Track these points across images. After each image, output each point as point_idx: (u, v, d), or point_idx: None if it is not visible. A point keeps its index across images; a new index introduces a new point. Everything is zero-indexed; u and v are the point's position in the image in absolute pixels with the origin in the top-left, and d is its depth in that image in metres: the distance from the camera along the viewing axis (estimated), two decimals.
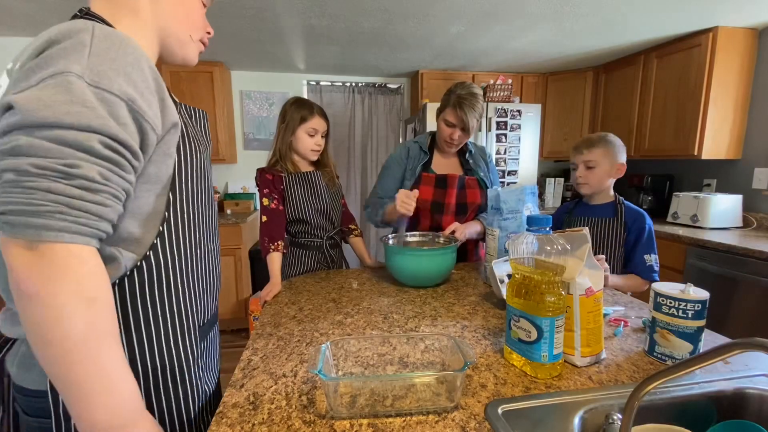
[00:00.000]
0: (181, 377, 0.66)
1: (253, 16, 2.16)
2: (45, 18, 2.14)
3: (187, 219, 0.65)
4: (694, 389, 0.66)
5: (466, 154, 1.54)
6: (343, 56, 2.97)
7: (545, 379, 0.69)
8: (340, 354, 0.73)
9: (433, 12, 2.13)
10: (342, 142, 3.61)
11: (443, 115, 1.43)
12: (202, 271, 0.71)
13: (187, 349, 0.66)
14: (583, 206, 1.44)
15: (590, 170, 1.33)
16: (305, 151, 1.43)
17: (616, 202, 1.36)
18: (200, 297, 0.70)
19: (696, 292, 0.72)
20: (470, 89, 1.38)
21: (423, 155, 1.52)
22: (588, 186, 1.35)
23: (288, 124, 1.40)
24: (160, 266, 0.62)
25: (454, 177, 1.46)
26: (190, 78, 2.99)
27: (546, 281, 0.68)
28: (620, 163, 1.31)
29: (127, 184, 0.52)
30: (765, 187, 2.37)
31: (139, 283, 0.60)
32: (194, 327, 0.68)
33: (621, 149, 1.32)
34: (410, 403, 0.61)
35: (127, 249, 0.58)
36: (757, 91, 2.42)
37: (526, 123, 3.06)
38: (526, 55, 2.93)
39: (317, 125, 1.41)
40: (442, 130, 1.45)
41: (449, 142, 1.45)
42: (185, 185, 0.64)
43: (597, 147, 1.31)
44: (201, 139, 0.70)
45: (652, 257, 1.27)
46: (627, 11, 2.12)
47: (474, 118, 1.38)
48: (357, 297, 1.14)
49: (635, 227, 1.30)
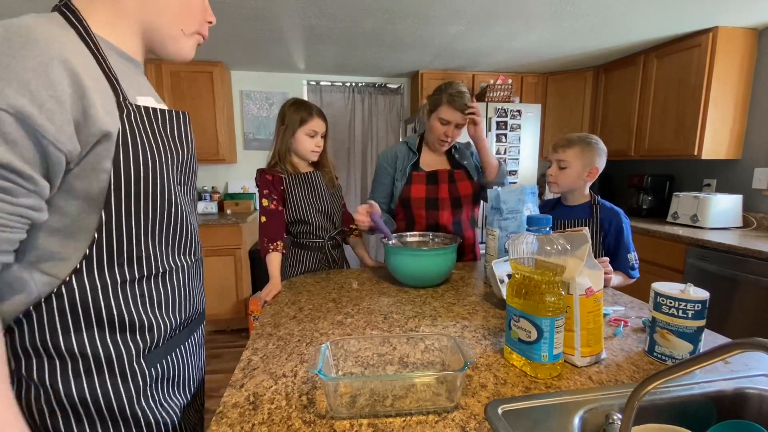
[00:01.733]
0: (122, 414, 0.58)
1: (253, 16, 2.16)
2: None
3: (130, 240, 0.58)
4: (694, 389, 0.66)
5: (452, 150, 1.57)
6: (343, 56, 2.97)
7: (545, 379, 0.69)
8: (340, 354, 0.73)
9: (433, 12, 2.13)
10: (342, 142, 3.61)
11: (437, 114, 1.44)
12: (157, 292, 0.63)
13: (127, 381, 0.59)
14: (561, 207, 1.42)
15: (562, 170, 1.31)
16: (305, 153, 1.43)
17: (592, 202, 1.34)
18: (150, 319, 0.62)
19: (696, 292, 0.72)
20: (458, 87, 1.41)
21: (412, 155, 1.54)
22: (556, 186, 1.35)
23: (287, 125, 1.40)
24: (86, 293, 0.55)
25: (444, 172, 1.51)
26: (190, 78, 2.99)
27: (546, 281, 0.68)
28: (595, 166, 1.29)
29: (23, 209, 0.47)
30: (765, 187, 2.37)
31: (59, 311, 0.53)
32: (137, 354, 0.60)
33: (599, 152, 1.29)
34: (410, 403, 0.61)
35: (44, 271, 0.53)
36: (757, 91, 2.41)
37: (526, 123, 3.06)
38: (526, 55, 2.93)
39: (317, 126, 1.41)
40: (435, 129, 1.46)
41: (443, 140, 1.47)
42: (128, 202, 0.56)
43: (572, 147, 1.29)
44: (170, 146, 0.62)
45: (633, 255, 1.27)
46: (627, 11, 2.12)
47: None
48: (357, 297, 1.14)
49: (613, 228, 1.29)
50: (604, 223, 1.30)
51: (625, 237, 1.28)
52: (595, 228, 1.31)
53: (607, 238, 1.30)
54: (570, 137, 1.32)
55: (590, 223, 1.32)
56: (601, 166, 1.30)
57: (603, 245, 1.31)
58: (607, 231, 1.30)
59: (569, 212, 1.37)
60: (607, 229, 1.30)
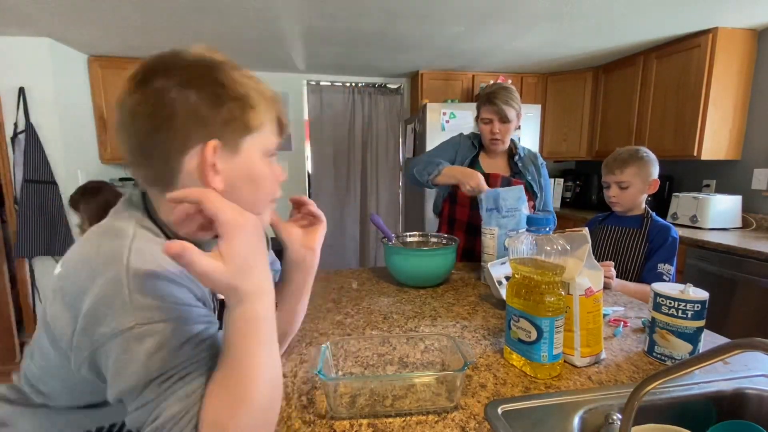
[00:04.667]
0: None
1: (253, 16, 2.16)
2: (45, 18, 2.14)
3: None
4: (694, 389, 0.66)
5: (515, 157, 1.54)
6: (343, 56, 2.97)
7: (545, 380, 0.69)
8: (339, 354, 0.73)
9: (433, 12, 2.13)
10: (342, 142, 3.61)
11: (480, 116, 1.48)
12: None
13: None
14: (614, 217, 1.43)
15: (624, 190, 1.32)
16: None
17: (644, 215, 1.35)
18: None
19: (695, 293, 0.72)
20: (499, 84, 1.44)
21: (472, 149, 1.55)
22: (620, 205, 1.36)
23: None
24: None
25: (497, 176, 1.48)
26: None
27: (546, 281, 0.68)
28: (654, 179, 1.30)
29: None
30: (764, 187, 2.38)
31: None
32: None
33: (654, 165, 1.31)
34: (410, 403, 0.61)
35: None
36: (757, 91, 2.42)
37: (526, 123, 3.06)
38: (526, 56, 2.93)
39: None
40: (482, 131, 1.49)
41: (492, 138, 1.47)
42: None
43: (629, 167, 1.29)
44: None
45: (665, 266, 1.25)
46: (627, 11, 2.12)
47: (510, 107, 1.42)
48: (357, 297, 1.14)
49: (658, 238, 1.29)
50: (651, 234, 1.31)
51: (664, 248, 1.27)
52: (641, 238, 1.32)
53: (650, 254, 1.30)
54: (622, 156, 1.32)
55: (638, 233, 1.33)
56: (657, 175, 1.32)
57: (646, 258, 1.31)
58: (652, 245, 1.30)
59: (620, 219, 1.40)
60: (653, 243, 1.30)
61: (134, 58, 2.85)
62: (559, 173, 3.74)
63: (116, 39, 2.50)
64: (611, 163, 1.34)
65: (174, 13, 2.10)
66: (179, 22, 2.23)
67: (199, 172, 0.49)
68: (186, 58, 0.50)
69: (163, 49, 0.51)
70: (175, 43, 2.91)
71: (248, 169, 0.53)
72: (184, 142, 0.48)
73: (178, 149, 0.48)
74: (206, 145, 0.48)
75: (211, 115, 0.48)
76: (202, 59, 0.50)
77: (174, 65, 0.48)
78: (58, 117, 2.52)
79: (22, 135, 2.40)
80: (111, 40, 2.52)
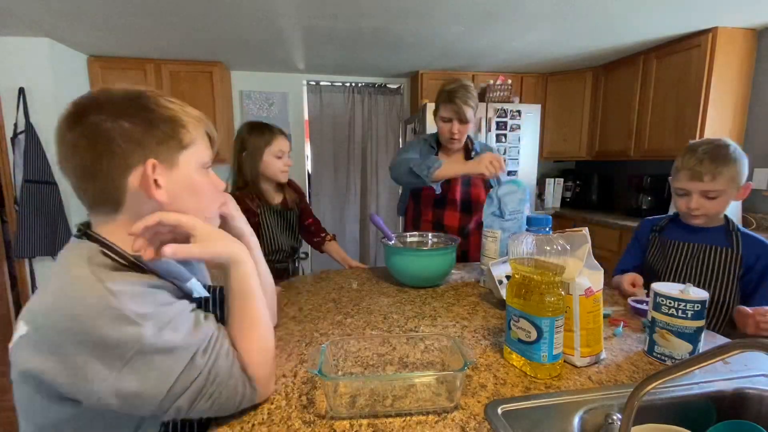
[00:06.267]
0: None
1: (253, 16, 2.16)
2: (44, 18, 2.14)
3: None
4: (694, 389, 0.66)
5: (472, 153, 1.55)
6: (343, 56, 2.97)
7: (545, 380, 0.69)
8: (339, 354, 0.73)
9: (433, 12, 2.13)
10: (342, 142, 3.61)
11: (439, 114, 1.46)
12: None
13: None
14: (681, 226, 1.17)
15: (711, 200, 1.05)
16: (275, 175, 1.42)
17: (729, 227, 1.09)
18: None
19: (695, 293, 0.72)
20: (459, 82, 1.40)
21: (431, 151, 1.55)
22: (705, 218, 1.09)
23: (251, 151, 1.38)
24: None
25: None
26: (189, 78, 2.99)
27: (546, 281, 0.68)
28: (747, 183, 1.06)
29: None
30: (765, 187, 2.37)
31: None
32: None
33: (746, 163, 1.06)
34: (410, 403, 0.61)
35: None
36: (757, 91, 2.41)
37: (526, 123, 3.06)
38: (526, 55, 2.93)
39: (283, 146, 1.41)
40: (441, 129, 1.47)
41: (450, 138, 1.46)
42: None
43: (723, 173, 1.02)
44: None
45: None
46: (627, 11, 2.12)
47: (469, 107, 1.39)
48: (357, 297, 1.14)
49: (760, 264, 1.04)
50: (749, 257, 1.05)
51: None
52: (734, 259, 1.07)
53: (748, 275, 1.06)
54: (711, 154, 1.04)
55: (730, 254, 1.08)
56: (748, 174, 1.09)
57: (740, 281, 1.07)
58: (751, 266, 1.05)
59: (702, 235, 1.12)
60: (752, 265, 1.05)
61: (134, 58, 2.85)
62: (559, 173, 3.73)
63: (116, 39, 2.49)
64: (696, 166, 1.05)
65: (174, 13, 2.10)
66: (179, 22, 2.23)
67: (143, 188, 0.55)
68: (115, 94, 0.56)
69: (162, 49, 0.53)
70: (175, 43, 2.90)
71: (187, 181, 0.60)
72: (126, 163, 0.54)
73: (121, 170, 0.54)
74: (145, 164, 0.55)
75: (145, 138, 0.55)
76: (127, 93, 0.56)
77: (105, 101, 0.54)
78: (58, 117, 2.51)
79: (22, 135, 2.40)
80: (111, 40, 2.52)
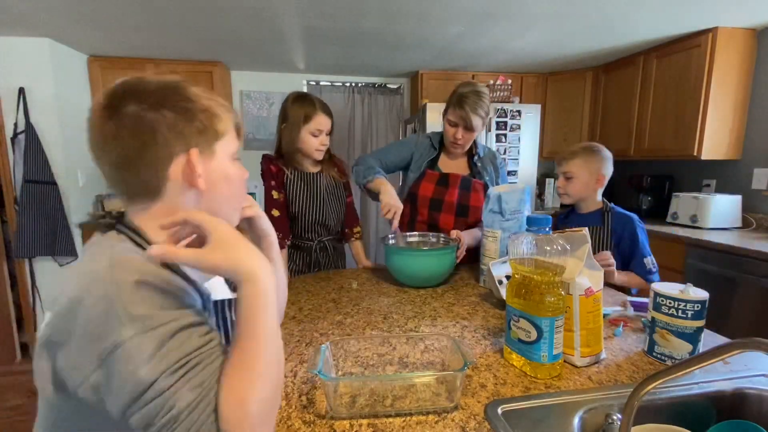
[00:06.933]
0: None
1: (253, 16, 2.16)
2: (45, 18, 2.14)
3: None
4: (694, 389, 0.66)
5: (475, 157, 1.52)
6: (343, 56, 2.96)
7: (545, 379, 0.69)
8: (339, 354, 0.73)
9: (433, 12, 2.13)
10: (342, 142, 3.61)
11: (447, 115, 1.43)
12: None
13: None
14: (574, 215, 1.44)
15: (569, 181, 1.35)
16: (310, 152, 1.39)
17: (604, 209, 1.35)
18: None
19: (695, 293, 0.72)
20: (474, 87, 1.37)
21: (432, 151, 1.52)
22: (567, 197, 1.38)
23: (290, 123, 1.35)
24: None
25: (457, 176, 1.46)
26: (189, 78, 2.96)
27: (546, 281, 0.68)
28: (601, 174, 1.32)
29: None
30: (764, 187, 2.37)
31: None
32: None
33: (604, 159, 1.32)
34: (410, 403, 0.61)
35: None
36: (757, 91, 2.42)
37: (526, 123, 3.06)
38: (526, 55, 2.93)
39: (321, 125, 1.36)
40: (446, 131, 1.46)
41: (453, 143, 1.44)
42: None
43: (576, 158, 1.32)
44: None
45: (650, 259, 1.27)
46: (627, 11, 2.12)
47: (477, 116, 1.36)
48: (357, 297, 1.14)
49: (626, 234, 1.29)
50: (617, 229, 1.30)
51: (640, 242, 1.27)
52: (606, 235, 1.32)
53: (620, 244, 1.30)
54: (572, 148, 1.36)
55: (602, 231, 1.32)
56: (608, 172, 1.33)
57: (618, 251, 1.30)
58: (620, 237, 1.30)
59: (581, 220, 1.38)
60: (620, 235, 1.30)
61: (134, 58, 2.85)
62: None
63: (116, 39, 2.49)
64: (561, 154, 1.38)
65: (174, 13, 2.10)
66: (179, 22, 2.22)
67: (185, 177, 0.56)
68: (151, 83, 0.56)
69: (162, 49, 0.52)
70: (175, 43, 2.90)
71: (223, 170, 0.61)
72: (169, 152, 0.54)
73: (164, 160, 0.54)
74: (189, 153, 0.55)
75: (187, 127, 0.56)
76: (164, 82, 0.57)
77: (142, 91, 0.54)
78: (58, 117, 2.52)
79: (22, 135, 2.40)
80: (111, 40, 2.52)
